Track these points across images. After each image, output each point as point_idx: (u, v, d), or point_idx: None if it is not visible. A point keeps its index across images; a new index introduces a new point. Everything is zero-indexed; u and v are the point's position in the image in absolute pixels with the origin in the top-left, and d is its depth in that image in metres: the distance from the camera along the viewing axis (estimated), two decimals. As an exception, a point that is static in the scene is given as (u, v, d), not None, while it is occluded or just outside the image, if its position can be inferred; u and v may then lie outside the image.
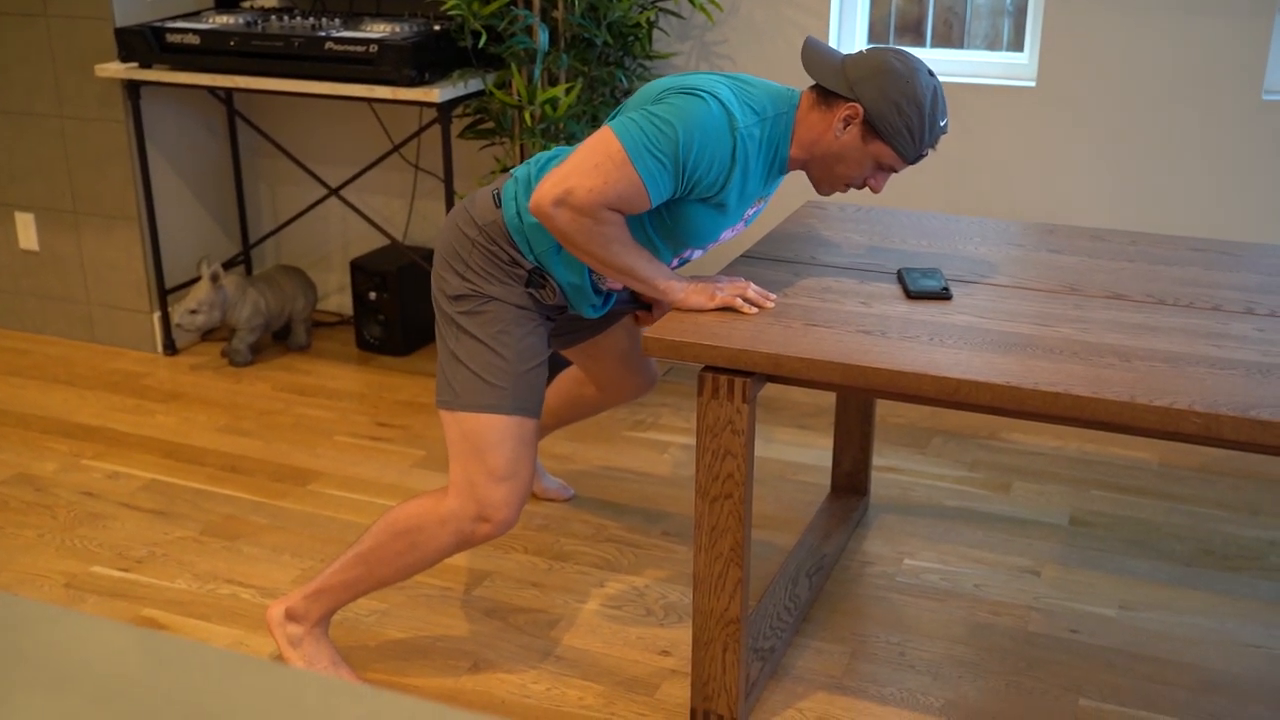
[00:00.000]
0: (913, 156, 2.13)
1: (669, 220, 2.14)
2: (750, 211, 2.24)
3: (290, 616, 2.34)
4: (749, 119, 2.08)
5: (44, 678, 0.74)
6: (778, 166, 2.18)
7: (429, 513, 2.22)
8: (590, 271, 2.20)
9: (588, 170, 2.01)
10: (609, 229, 2.05)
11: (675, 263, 2.27)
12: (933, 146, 2.15)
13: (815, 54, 2.17)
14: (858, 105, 2.09)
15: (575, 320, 2.48)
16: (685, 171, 2.03)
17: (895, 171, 2.18)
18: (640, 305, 2.49)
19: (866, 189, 2.31)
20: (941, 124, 2.14)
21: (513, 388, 2.19)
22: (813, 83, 2.20)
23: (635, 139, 2.01)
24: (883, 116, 2.08)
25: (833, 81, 2.12)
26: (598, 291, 2.26)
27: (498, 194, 2.22)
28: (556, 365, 3.28)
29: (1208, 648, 2.47)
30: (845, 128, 2.12)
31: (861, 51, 2.16)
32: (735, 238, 3.75)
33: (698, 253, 2.27)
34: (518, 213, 2.18)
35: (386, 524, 2.25)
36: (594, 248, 2.06)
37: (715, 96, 2.04)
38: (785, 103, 2.16)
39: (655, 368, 2.72)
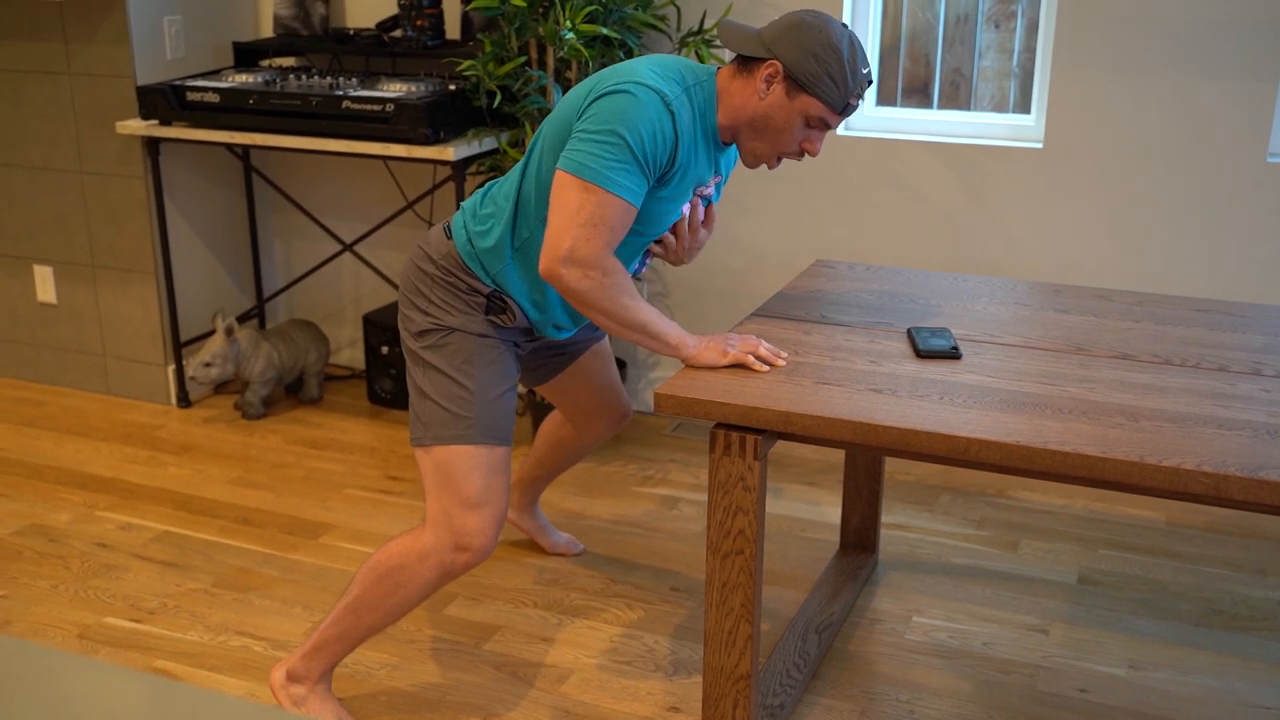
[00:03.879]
0: (840, 105, 2.15)
1: None
2: (708, 190, 2.29)
3: (291, 678, 2.36)
4: (675, 89, 2.13)
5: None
6: (711, 136, 2.21)
7: (408, 550, 2.25)
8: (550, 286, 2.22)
9: (572, 219, 2.06)
10: (618, 279, 2.10)
11: (637, 265, 2.32)
12: (859, 96, 2.17)
13: (731, 29, 2.22)
14: (776, 62, 2.13)
15: (545, 352, 2.52)
16: (648, 162, 2.08)
17: (829, 128, 2.19)
18: (599, 335, 2.54)
19: (805, 158, 2.32)
20: (864, 71, 2.16)
21: (478, 417, 2.23)
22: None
23: (591, 167, 2.05)
24: (801, 67, 2.11)
25: (749, 47, 2.16)
26: (562, 308, 2.30)
27: (448, 227, 2.30)
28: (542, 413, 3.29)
29: (1217, 708, 2.47)
30: (769, 87, 2.15)
31: (775, 19, 2.20)
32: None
33: (645, 262, 2.33)
34: (469, 239, 2.25)
35: (369, 570, 2.29)
36: (605, 303, 2.10)
37: (637, 82, 2.09)
38: (704, 72, 2.21)
39: (628, 402, 2.74)
